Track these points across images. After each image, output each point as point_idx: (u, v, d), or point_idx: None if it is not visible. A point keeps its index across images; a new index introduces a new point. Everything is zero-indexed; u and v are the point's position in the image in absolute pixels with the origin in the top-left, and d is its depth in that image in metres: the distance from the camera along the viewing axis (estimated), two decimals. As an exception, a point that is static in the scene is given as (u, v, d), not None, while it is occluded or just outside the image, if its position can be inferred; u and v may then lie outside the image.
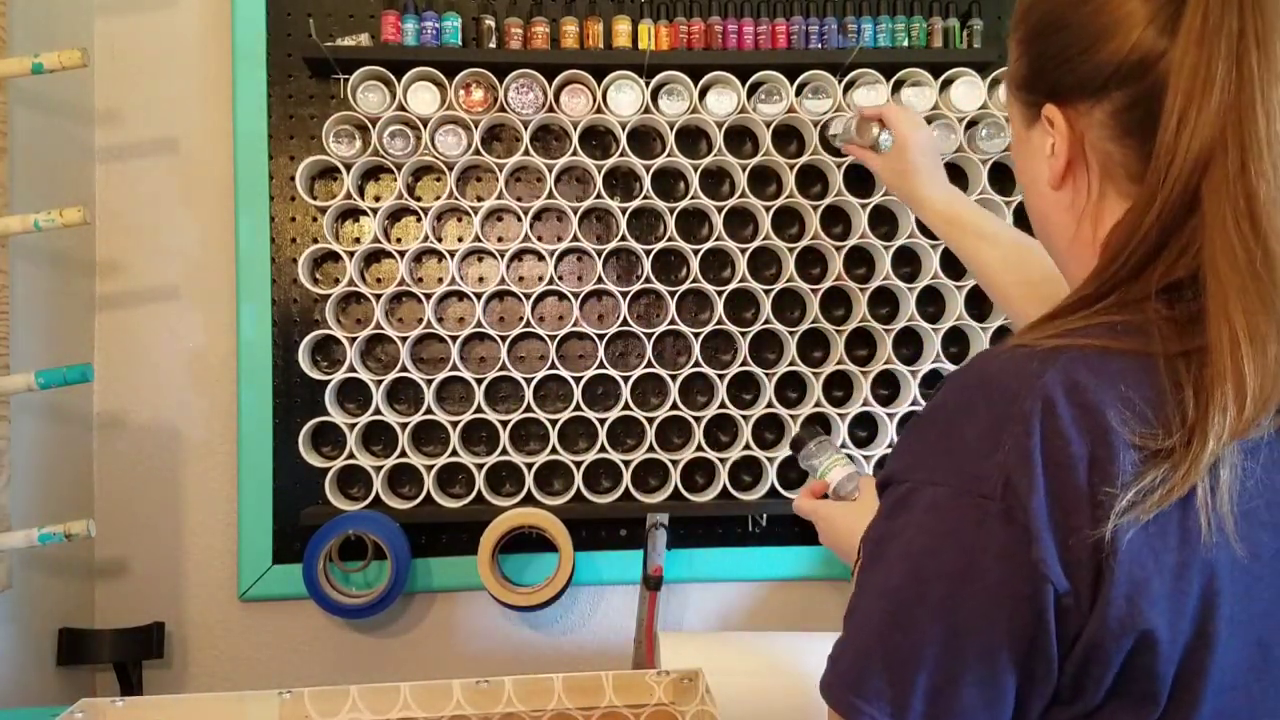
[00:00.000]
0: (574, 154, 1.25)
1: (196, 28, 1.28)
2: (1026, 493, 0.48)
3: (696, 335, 1.26)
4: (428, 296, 1.24)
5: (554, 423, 1.25)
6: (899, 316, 1.29)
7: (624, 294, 1.27)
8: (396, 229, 1.28)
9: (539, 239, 1.26)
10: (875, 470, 1.28)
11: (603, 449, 1.26)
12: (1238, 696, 0.51)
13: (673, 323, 1.27)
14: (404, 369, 1.24)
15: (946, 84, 1.27)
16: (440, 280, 1.26)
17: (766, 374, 1.27)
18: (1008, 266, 0.94)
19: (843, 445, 1.27)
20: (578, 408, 1.26)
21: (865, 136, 1.06)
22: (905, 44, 1.27)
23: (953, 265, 1.25)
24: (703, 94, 1.26)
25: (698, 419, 1.27)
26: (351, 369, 1.23)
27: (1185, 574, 0.48)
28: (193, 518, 1.28)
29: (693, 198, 1.26)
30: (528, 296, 1.26)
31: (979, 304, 1.29)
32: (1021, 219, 1.22)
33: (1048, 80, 0.60)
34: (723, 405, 1.27)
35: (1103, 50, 0.55)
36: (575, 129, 1.25)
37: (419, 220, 1.26)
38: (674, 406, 1.26)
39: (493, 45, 1.25)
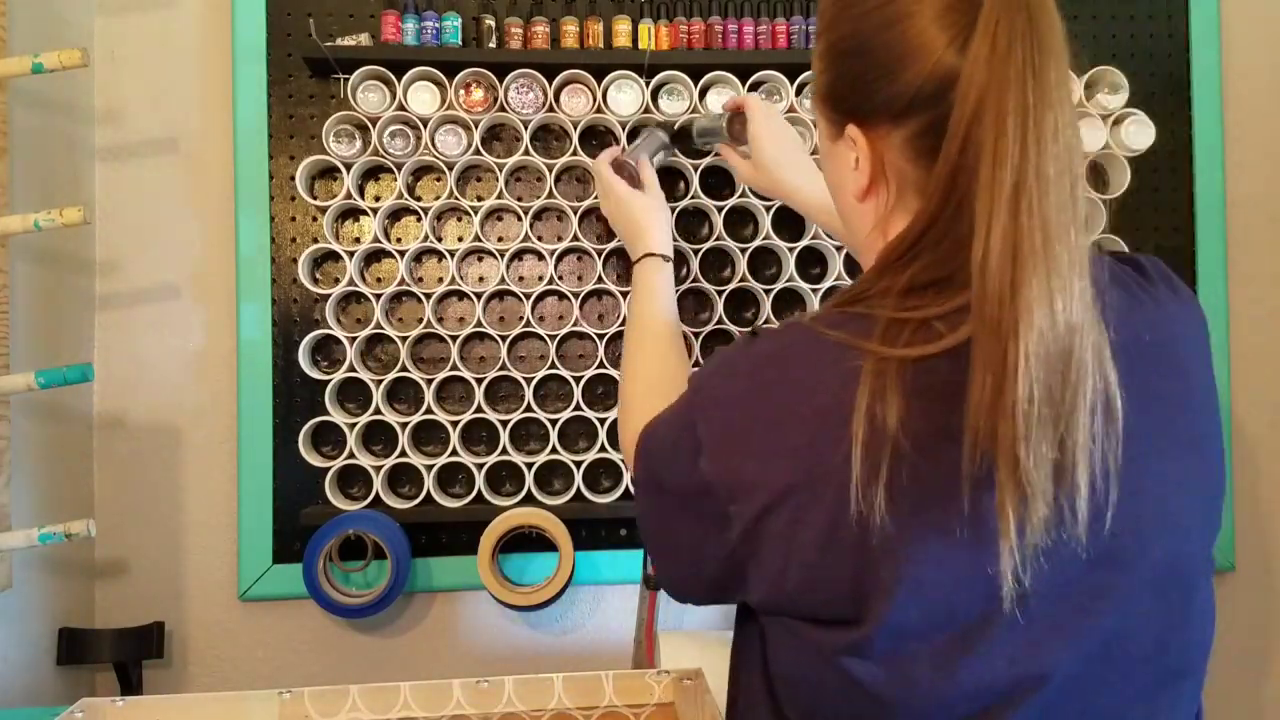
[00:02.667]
0: (574, 154, 1.25)
1: (196, 28, 1.28)
2: None
3: (697, 335, 1.26)
4: (428, 296, 1.24)
5: (554, 423, 1.25)
6: (899, 316, 1.29)
7: (624, 294, 1.26)
8: (396, 229, 1.28)
9: (539, 239, 1.26)
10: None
11: (603, 449, 1.26)
12: None
13: (673, 322, 1.27)
14: (404, 369, 1.23)
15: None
16: (440, 280, 1.26)
17: (766, 374, 1.27)
18: None
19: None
20: (578, 408, 1.25)
21: (736, 134, 1.05)
22: (905, 44, 1.27)
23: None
24: (703, 94, 1.26)
25: (698, 419, 1.27)
26: (351, 369, 1.23)
27: None
28: (193, 518, 1.28)
29: (693, 197, 1.26)
30: (528, 296, 1.26)
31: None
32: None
33: (850, 102, 0.61)
34: (723, 405, 1.27)
35: (902, 76, 0.57)
36: (575, 129, 1.25)
37: (419, 220, 1.26)
38: (674, 406, 1.26)
39: (493, 45, 1.25)
